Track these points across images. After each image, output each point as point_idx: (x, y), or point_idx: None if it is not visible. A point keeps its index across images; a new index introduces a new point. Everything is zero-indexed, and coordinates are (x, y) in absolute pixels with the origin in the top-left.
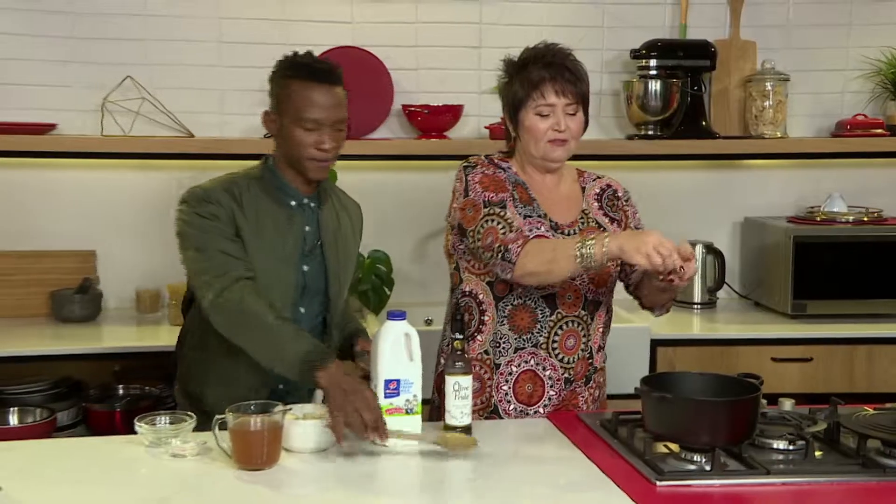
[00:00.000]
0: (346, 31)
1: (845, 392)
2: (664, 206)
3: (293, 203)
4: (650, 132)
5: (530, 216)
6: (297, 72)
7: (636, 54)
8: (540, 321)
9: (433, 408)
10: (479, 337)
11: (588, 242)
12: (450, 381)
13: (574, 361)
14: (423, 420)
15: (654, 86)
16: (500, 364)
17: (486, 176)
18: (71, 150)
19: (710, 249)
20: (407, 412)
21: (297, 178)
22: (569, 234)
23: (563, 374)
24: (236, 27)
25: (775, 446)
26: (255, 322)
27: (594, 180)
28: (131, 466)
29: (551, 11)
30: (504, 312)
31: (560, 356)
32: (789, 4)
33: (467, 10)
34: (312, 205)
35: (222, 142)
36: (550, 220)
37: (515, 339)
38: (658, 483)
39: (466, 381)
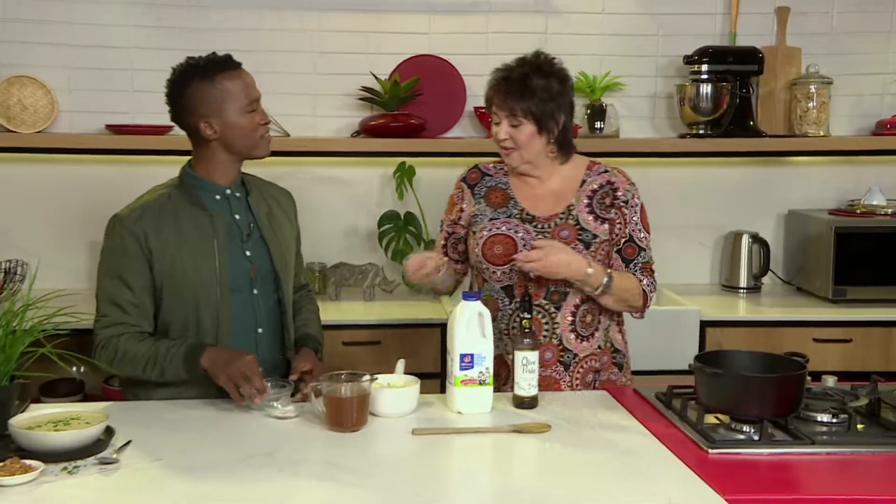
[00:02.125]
0: (424, 41)
1: (883, 370)
2: (714, 200)
3: (217, 197)
4: (701, 131)
5: (497, 218)
6: (219, 69)
7: (689, 60)
8: (501, 310)
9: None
10: None
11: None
12: (518, 355)
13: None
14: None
15: (706, 89)
16: None
17: (451, 196)
18: (185, 149)
19: (755, 239)
20: (480, 383)
21: (218, 173)
22: (543, 228)
23: None
24: (329, 39)
25: (819, 419)
26: (134, 358)
27: (599, 174)
28: (240, 425)
29: (610, 22)
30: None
31: None
32: (833, 13)
33: (534, 21)
34: (237, 194)
35: (315, 140)
36: (526, 214)
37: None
38: (710, 451)
39: (534, 356)
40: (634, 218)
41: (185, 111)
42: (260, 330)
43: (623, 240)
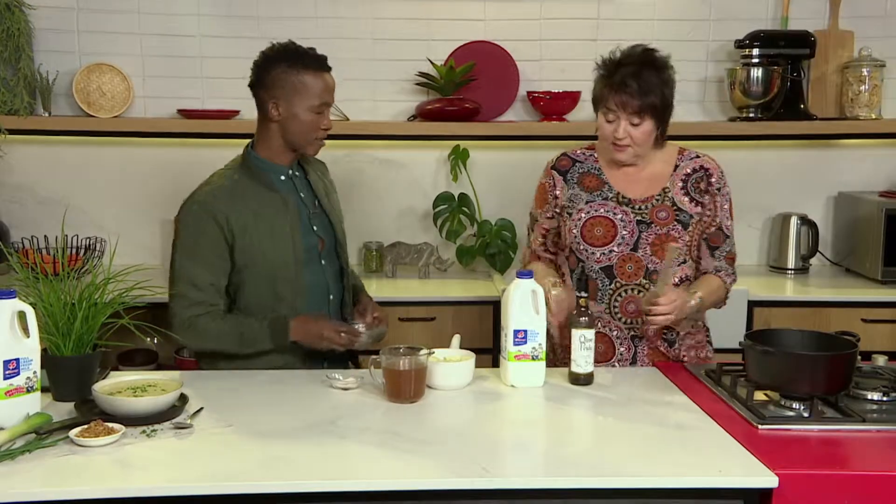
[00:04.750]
0: (479, 28)
1: None
2: (764, 182)
3: (282, 177)
4: (751, 115)
5: (593, 200)
6: (307, 64)
7: (740, 44)
8: (601, 289)
9: None
10: None
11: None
12: (576, 333)
13: (642, 324)
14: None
15: (756, 73)
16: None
17: (541, 185)
18: (249, 133)
19: (804, 221)
20: (533, 358)
21: (277, 155)
22: (640, 209)
23: (628, 334)
24: (387, 26)
25: (870, 397)
26: (219, 336)
27: (691, 159)
28: (303, 395)
29: (662, 6)
30: (573, 282)
31: (622, 319)
32: None
33: (586, 7)
34: (297, 173)
35: (373, 124)
36: (622, 197)
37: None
38: (759, 426)
39: (590, 334)
40: (725, 206)
41: (263, 87)
42: (331, 297)
43: (712, 227)
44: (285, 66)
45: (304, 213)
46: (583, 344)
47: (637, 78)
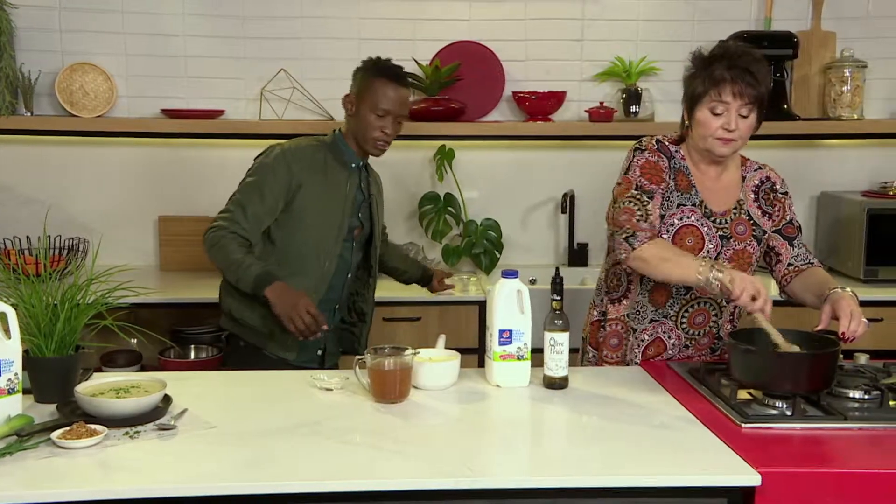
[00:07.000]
0: (464, 28)
1: None
2: None
3: (353, 165)
4: None
5: (684, 204)
6: (381, 73)
7: None
8: (674, 297)
9: (585, 358)
10: (624, 301)
11: (717, 268)
12: (547, 336)
13: (699, 335)
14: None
15: None
16: (636, 329)
17: (648, 162)
18: (234, 132)
19: None
20: (518, 358)
21: (354, 144)
22: (721, 223)
23: (683, 342)
24: (372, 26)
25: (852, 395)
26: (226, 255)
27: (755, 170)
28: (287, 395)
29: (647, 7)
30: (647, 287)
31: (686, 329)
32: None
33: (571, 7)
34: (364, 169)
35: None
36: (705, 208)
37: (653, 311)
38: (743, 425)
39: (562, 338)
40: (792, 207)
41: (353, 87)
42: (349, 275)
43: (783, 222)
44: (365, 72)
45: (357, 199)
46: (553, 347)
47: (756, 68)
